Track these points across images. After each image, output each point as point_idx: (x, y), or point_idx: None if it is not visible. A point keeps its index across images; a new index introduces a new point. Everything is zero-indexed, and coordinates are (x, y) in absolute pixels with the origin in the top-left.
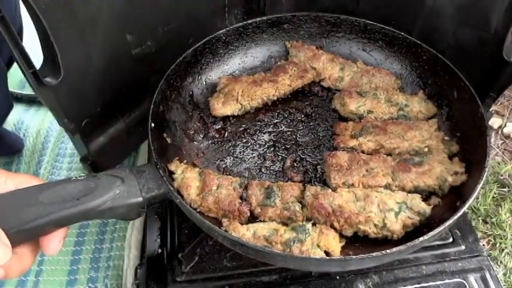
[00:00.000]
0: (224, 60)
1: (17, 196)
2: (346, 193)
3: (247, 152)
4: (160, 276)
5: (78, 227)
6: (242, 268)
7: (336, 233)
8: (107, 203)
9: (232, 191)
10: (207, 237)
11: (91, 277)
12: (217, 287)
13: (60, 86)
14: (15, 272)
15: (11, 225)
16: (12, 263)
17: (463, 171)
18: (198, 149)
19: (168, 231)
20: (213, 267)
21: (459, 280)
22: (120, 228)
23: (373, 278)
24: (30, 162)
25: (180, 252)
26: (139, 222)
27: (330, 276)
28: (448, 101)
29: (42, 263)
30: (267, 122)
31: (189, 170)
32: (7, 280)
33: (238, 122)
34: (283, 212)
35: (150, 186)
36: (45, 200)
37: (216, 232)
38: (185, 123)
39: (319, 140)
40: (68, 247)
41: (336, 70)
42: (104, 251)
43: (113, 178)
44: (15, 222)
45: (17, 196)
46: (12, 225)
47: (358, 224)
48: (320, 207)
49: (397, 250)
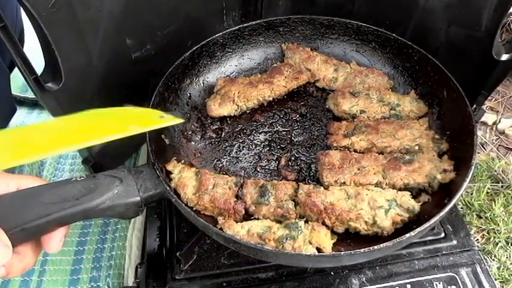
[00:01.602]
0: (221, 62)
1: (18, 197)
2: (337, 191)
3: (244, 151)
4: (160, 275)
5: (80, 227)
6: (239, 265)
7: (327, 230)
8: (106, 202)
9: (227, 190)
10: (205, 236)
11: (93, 276)
12: (216, 284)
13: (61, 91)
14: (17, 271)
15: (12, 225)
16: (14, 262)
17: (451, 169)
18: (196, 149)
19: (167, 230)
20: (211, 265)
21: (451, 274)
22: (122, 228)
23: (366, 273)
24: (33, 165)
25: (178, 251)
26: (140, 222)
27: (324, 272)
28: (439, 100)
29: (45, 263)
30: (263, 122)
31: (186, 170)
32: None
33: (234, 122)
34: (276, 210)
35: (147, 186)
36: (46, 200)
37: (211, 230)
38: (183, 124)
39: (314, 140)
40: (70, 247)
41: (330, 71)
42: (106, 250)
43: (111, 178)
44: (17, 222)
45: (18, 197)
46: (14, 225)
47: (349, 221)
48: (312, 205)
49: (384, 246)
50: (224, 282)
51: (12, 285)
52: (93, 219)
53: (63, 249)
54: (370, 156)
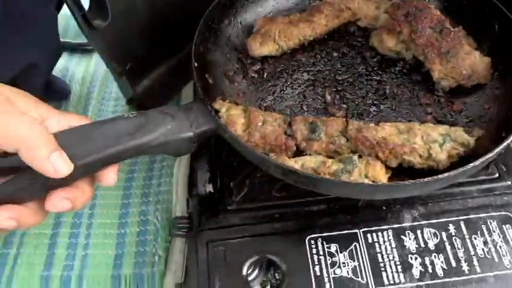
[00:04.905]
0: (258, 2)
1: (73, 133)
2: (388, 127)
3: (287, 91)
4: (212, 205)
5: (128, 164)
6: (290, 199)
7: (382, 164)
8: (159, 138)
9: (277, 127)
10: (255, 170)
11: (142, 210)
12: (268, 215)
13: (108, 29)
14: (80, 204)
15: (72, 159)
16: (77, 196)
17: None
18: (239, 90)
19: (216, 165)
20: (263, 197)
21: (505, 213)
22: (167, 166)
23: (418, 209)
24: (77, 107)
25: (231, 182)
26: (185, 159)
27: (376, 206)
28: (489, 35)
29: (95, 198)
30: (305, 62)
31: (233, 108)
32: (64, 213)
33: (276, 62)
34: (328, 145)
35: (199, 122)
36: (100, 136)
37: (269, 162)
38: (224, 64)
39: (358, 77)
40: (120, 183)
41: (371, 9)
42: (153, 186)
43: (163, 115)
44: (76, 157)
45: (73, 133)
46: (74, 159)
47: (403, 154)
48: (364, 140)
49: (446, 175)
50: (276, 214)
51: (66, 216)
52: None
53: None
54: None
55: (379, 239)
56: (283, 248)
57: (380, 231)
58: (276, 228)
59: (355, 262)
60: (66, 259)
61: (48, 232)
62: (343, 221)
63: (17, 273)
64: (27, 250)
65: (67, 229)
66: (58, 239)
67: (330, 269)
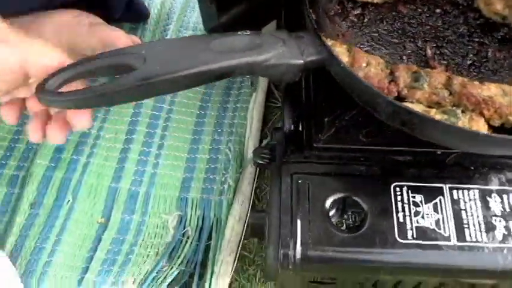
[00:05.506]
0: None
1: (189, 42)
2: (494, 87)
3: (386, 39)
4: (297, 140)
5: (202, 93)
6: (377, 145)
7: (485, 121)
8: (271, 60)
9: (380, 71)
10: (345, 112)
11: (214, 139)
12: (353, 157)
13: None
14: None
15: (181, 67)
16: None
17: None
18: (338, 31)
19: (305, 103)
20: (350, 139)
21: None
22: (243, 100)
23: (506, 174)
24: (155, 30)
25: (319, 119)
26: (261, 96)
27: (464, 166)
28: None
29: (168, 120)
30: (406, 14)
31: (338, 45)
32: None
33: (376, 10)
34: (431, 96)
35: (310, 51)
36: (215, 47)
37: (382, 98)
38: (326, 3)
39: (459, 37)
40: (193, 109)
41: None
42: (227, 117)
43: (275, 38)
44: (185, 66)
45: (189, 42)
46: (183, 68)
47: (508, 115)
48: (470, 95)
49: None
50: (362, 157)
51: (137, 133)
52: (214, 88)
53: (185, 110)
54: None
55: (464, 196)
56: (367, 191)
57: (466, 190)
58: (361, 170)
59: (439, 215)
60: (135, 174)
61: (119, 146)
62: (430, 175)
63: (86, 181)
64: (96, 160)
65: (138, 146)
66: (128, 154)
67: (413, 218)
